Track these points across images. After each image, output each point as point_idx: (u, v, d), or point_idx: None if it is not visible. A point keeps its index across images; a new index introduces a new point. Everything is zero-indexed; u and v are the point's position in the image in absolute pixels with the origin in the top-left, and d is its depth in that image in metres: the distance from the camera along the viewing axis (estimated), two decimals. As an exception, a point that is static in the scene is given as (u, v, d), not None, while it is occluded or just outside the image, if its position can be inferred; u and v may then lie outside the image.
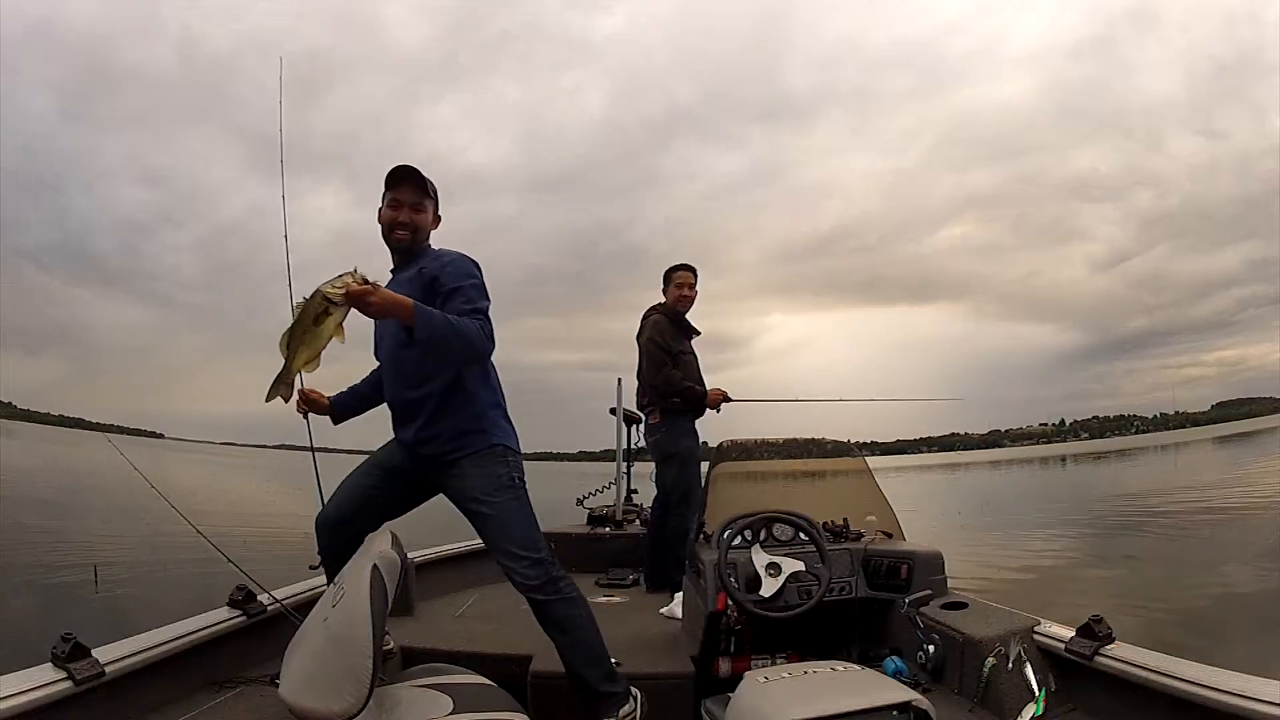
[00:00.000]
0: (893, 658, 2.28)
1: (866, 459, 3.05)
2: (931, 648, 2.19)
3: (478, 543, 3.80)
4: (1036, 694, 1.89)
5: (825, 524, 2.72)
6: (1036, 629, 2.07)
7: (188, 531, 2.43)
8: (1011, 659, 1.96)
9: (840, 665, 1.68)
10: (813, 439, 3.16)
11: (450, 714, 1.53)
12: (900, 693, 1.48)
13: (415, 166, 1.97)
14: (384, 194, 1.99)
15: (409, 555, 1.60)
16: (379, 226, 2.01)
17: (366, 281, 1.65)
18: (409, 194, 1.96)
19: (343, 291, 1.61)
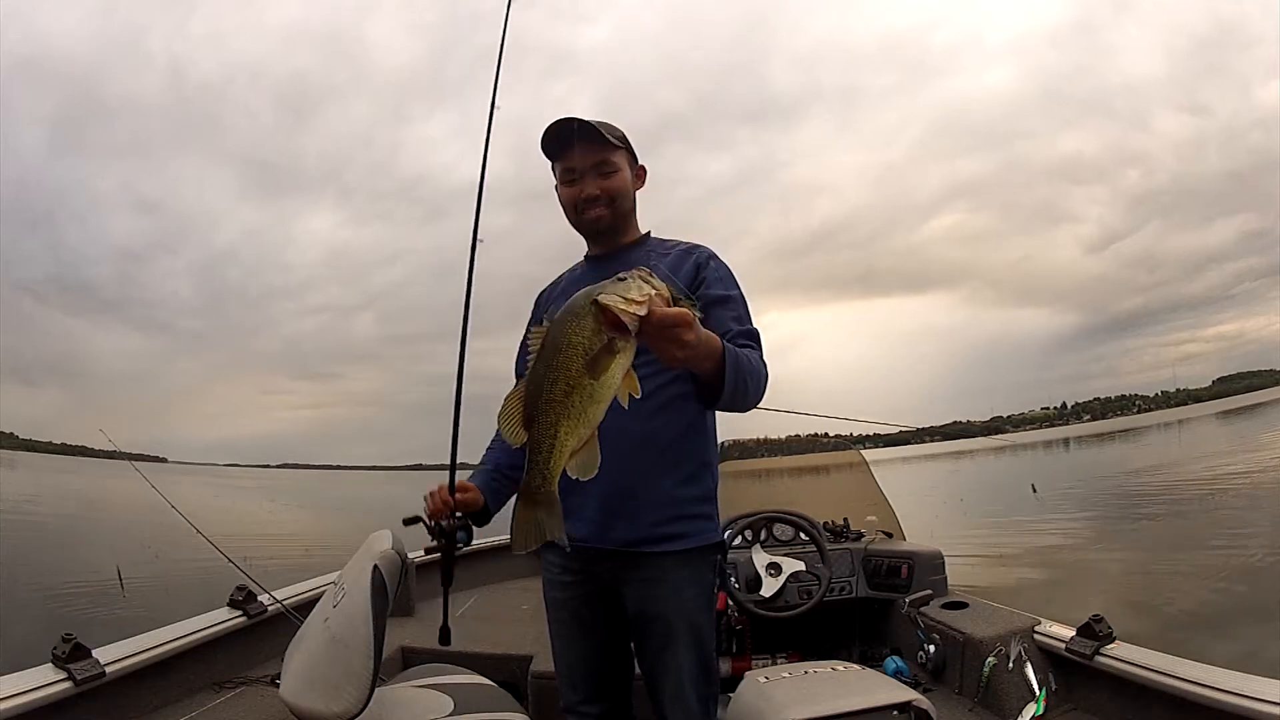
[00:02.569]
0: (893, 658, 2.28)
1: (868, 451, 3.05)
2: (932, 648, 2.19)
3: (478, 543, 3.79)
4: (1037, 694, 1.89)
5: (826, 524, 2.72)
6: (1037, 629, 2.07)
7: (193, 547, 2.43)
8: (1012, 659, 1.96)
9: (840, 665, 1.68)
10: (814, 435, 3.16)
11: (450, 714, 1.53)
12: (901, 693, 1.48)
13: (580, 118, 1.39)
14: (552, 168, 1.47)
15: (409, 555, 1.60)
16: (561, 209, 1.48)
17: (675, 299, 0.93)
18: (585, 155, 1.40)
19: (642, 311, 0.85)
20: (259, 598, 2.32)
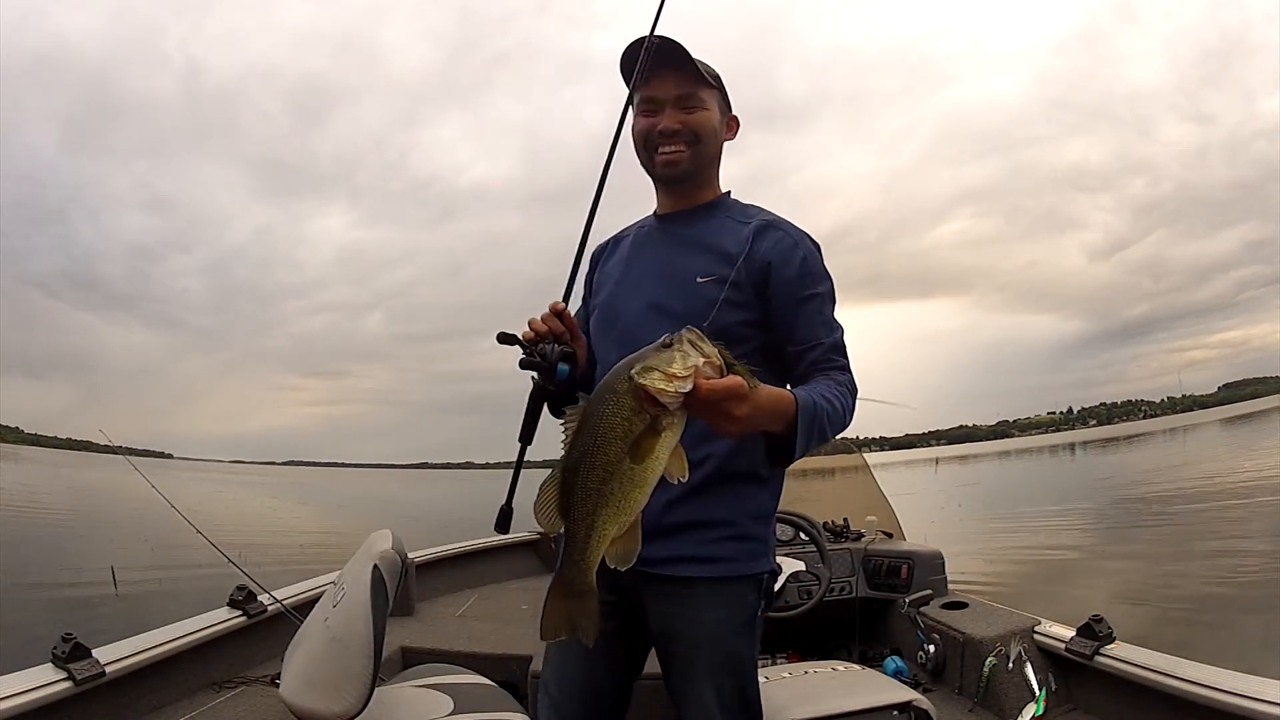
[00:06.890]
0: (893, 658, 2.28)
1: (873, 454, 3.06)
2: (932, 648, 2.19)
3: (478, 543, 3.81)
4: (1037, 694, 1.89)
5: (826, 524, 2.72)
6: (1037, 629, 2.08)
7: (195, 545, 2.43)
8: (1012, 659, 1.96)
9: (840, 665, 1.68)
10: None
11: (450, 714, 1.53)
12: (900, 693, 1.48)
13: (672, 38, 1.18)
14: (628, 101, 1.23)
15: (409, 555, 1.60)
16: (633, 149, 1.24)
17: (729, 367, 0.83)
18: (672, 85, 1.19)
19: (686, 388, 0.77)
20: (259, 598, 2.32)
